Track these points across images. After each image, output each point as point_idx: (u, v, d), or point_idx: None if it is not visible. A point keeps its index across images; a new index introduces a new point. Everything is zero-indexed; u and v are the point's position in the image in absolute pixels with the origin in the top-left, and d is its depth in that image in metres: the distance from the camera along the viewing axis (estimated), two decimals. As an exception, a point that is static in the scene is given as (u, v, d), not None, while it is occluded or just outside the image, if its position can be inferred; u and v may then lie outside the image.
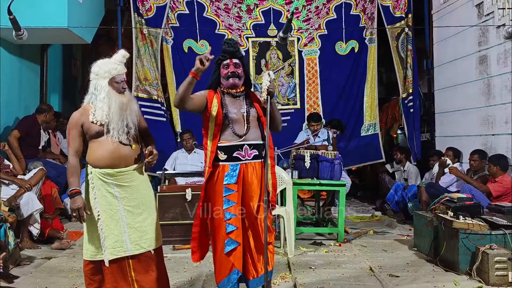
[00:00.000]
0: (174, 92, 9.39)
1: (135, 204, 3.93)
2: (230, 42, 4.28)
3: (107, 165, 3.85)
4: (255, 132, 4.23)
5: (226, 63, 4.21)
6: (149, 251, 3.93)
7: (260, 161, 4.23)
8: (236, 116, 4.17)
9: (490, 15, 7.71)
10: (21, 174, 7.05)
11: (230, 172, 4.10)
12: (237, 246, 4.07)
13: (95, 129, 3.86)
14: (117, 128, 3.84)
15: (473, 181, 7.06)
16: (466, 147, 8.00)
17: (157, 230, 4.03)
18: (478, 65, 8.04)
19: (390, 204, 8.84)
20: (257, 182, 4.18)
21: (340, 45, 9.89)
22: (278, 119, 4.35)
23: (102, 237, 3.84)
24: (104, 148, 3.85)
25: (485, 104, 7.84)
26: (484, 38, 7.88)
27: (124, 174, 3.88)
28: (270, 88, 4.12)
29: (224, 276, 4.08)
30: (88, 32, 8.52)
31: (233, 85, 4.20)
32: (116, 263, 3.87)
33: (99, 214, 3.86)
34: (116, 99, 3.87)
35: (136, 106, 4.05)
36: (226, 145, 4.13)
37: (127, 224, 3.87)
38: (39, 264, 5.80)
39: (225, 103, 4.18)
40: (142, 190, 3.99)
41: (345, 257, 6.17)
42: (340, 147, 9.22)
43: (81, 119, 3.92)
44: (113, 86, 3.91)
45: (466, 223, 5.39)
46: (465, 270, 5.28)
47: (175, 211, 6.77)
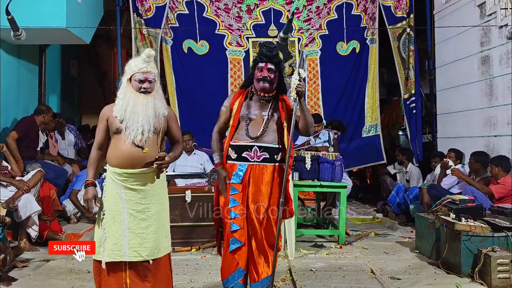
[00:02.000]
0: (173, 93, 9.42)
1: (140, 209, 3.83)
2: (269, 45, 4.27)
3: (116, 164, 3.81)
4: (272, 135, 4.20)
5: (261, 66, 4.21)
6: (147, 261, 3.83)
7: (272, 165, 4.18)
8: (255, 117, 4.19)
9: (492, 15, 7.69)
10: (19, 175, 7.01)
11: (238, 172, 4.14)
12: (241, 246, 4.10)
13: (115, 125, 3.81)
14: (130, 127, 3.77)
15: (475, 182, 7.02)
16: (468, 148, 7.95)
17: (161, 240, 3.91)
18: (480, 66, 8.01)
19: (391, 206, 8.81)
20: (267, 186, 4.15)
21: (341, 45, 9.84)
22: (310, 121, 4.26)
23: (103, 237, 3.79)
24: (118, 146, 3.80)
25: (487, 105, 7.80)
26: (486, 38, 7.85)
27: (130, 176, 3.80)
28: (299, 88, 4.08)
29: (229, 273, 4.15)
30: (86, 33, 8.47)
31: (263, 89, 4.21)
32: (113, 267, 3.80)
33: (105, 213, 3.82)
34: (132, 98, 3.81)
35: (164, 111, 3.95)
36: (237, 144, 4.17)
37: (128, 228, 3.79)
38: (38, 266, 5.76)
39: (249, 104, 4.23)
40: (151, 196, 3.88)
41: (346, 259, 6.14)
42: (341, 148, 9.19)
43: (107, 113, 3.90)
44: (133, 84, 3.85)
45: (468, 225, 5.37)
46: (467, 273, 5.27)
47: (174, 213, 6.69)
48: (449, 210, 5.87)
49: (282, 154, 4.21)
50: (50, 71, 10.00)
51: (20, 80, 8.77)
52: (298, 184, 6.93)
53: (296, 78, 4.11)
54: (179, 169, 8.03)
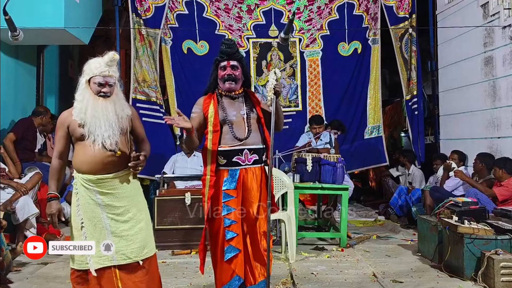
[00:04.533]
0: (173, 94, 9.35)
1: (120, 212, 3.77)
2: (229, 42, 4.18)
3: (88, 171, 3.71)
4: (256, 136, 4.14)
5: (223, 65, 4.12)
6: (136, 261, 3.79)
7: (259, 166, 4.14)
8: (236, 119, 4.10)
9: (495, 15, 7.66)
10: (16, 177, 6.99)
11: (229, 178, 4.03)
12: (237, 253, 4.00)
13: (79, 131, 3.71)
14: (95, 132, 3.67)
15: (478, 184, 7.00)
16: (471, 150, 7.93)
17: (147, 238, 3.89)
18: (484, 67, 7.97)
19: (393, 208, 8.78)
20: (257, 188, 4.09)
21: (343, 46, 9.77)
22: (282, 119, 4.24)
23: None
24: (86, 152, 3.70)
25: (491, 106, 7.77)
26: (490, 39, 7.82)
27: (105, 181, 3.72)
28: (277, 87, 4.01)
29: (225, 282, 4.02)
30: (85, 33, 8.43)
31: (229, 89, 4.12)
32: (102, 273, 3.73)
33: (83, 221, 3.74)
34: (91, 102, 3.70)
35: (127, 111, 3.87)
36: (226, 150, 4.04)
37: (111, 233, 3.73)
38: (35, 270, 5.73)
39: (223, 106, 4.11)
40: (128, 197, 3.82)
41: (347, 262, 6.11)
42: (343, 150, 9.13)
43: (67, 120, 3.78)
44: (92, 86, 3.74)
45: (471, 228, 5.34)
46: (470, 276, 5.24)
47: (174, 216, 6.72)
48: (452, 212, 5.84)
49: (266, 153, 4.17)
50: (48, 72, 9.95)
51: (18, 81, 8.74)
52: (299, 187, 6.87)
53: (274, 78, 4.04)
54: (179, 171, 8.00)
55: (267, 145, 4.14)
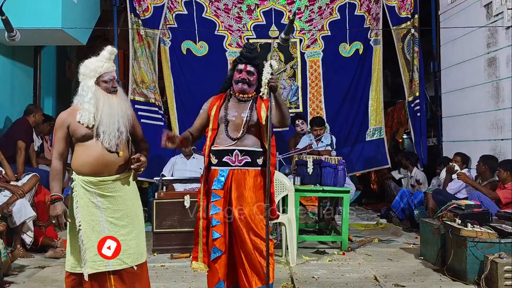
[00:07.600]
0: (172, 95, 9.29)
1: (119, 215, 3.75)
2: (250, 47, 4.28)
3: (90, 173, 3.68)
4: (252, 138, 4.15)
5: (240, 68, 4.19)
6: (131, 267, 3.76)
7: (255, 169, 4.12)
8: (234, 119, 4.13)
9: (499, 15, 7.60)
10: (13, 180, 6.93)
11: (219, 177, 4.07)
12: (221, 255, 4.04)
13: (81, 132, 3.68)
14: (107, 132, 3.66)
15: (481, 187, 6.96)
16: (474, 152, 7.89)
17: (142, 244, 3.88)
18: (487, 68, 7.92)
19: (395, 211, 8.78)
20: (251, 192, 4.06)
21: (344, 46, 9.71)
22: (285, 113, 4.20)
23: (82, 249, 3.69)
24: (89, 153, 3.67)
25: (494, 108, 7.72)
26: (493, 39, 7.77)
27: (107, 183, 3.71)
28: (272, 81, 3.96)
29: (213, 286, 4.12)
30: (83, 33, 8.40)
31: (241, 90, 4.18)
32: (96, 278, 3.70)
33: (80, 224, 3.70)
34: (105, 100, 3.70)
35: (129, 109, 3.87)
36: (218, 149, 4.11)
37: None
38: (32, 274, 5.74)
39: (227, 106, 4.18)
40: (128, 201, 3.80)
41: (349, 266, 6.10)
42: (344, 152, 9.10)
43: (67, 120, 3.74)
44: (101, 86, 3.73)
45: (474, 231, 5.34)
46: (473, 280, 5.24)
47: (173, 219, 6.70)
48: (455, 215, 5.82)
49: (265, 157, 4.15)
50: (46, 73, 9.97)
51: (15, 82, 8.74)
52: (300, 189, 6.85)
53: (268, 72, 4.00)
54: (178, 173, 7.99)
55: (269, 150, 4.09)
